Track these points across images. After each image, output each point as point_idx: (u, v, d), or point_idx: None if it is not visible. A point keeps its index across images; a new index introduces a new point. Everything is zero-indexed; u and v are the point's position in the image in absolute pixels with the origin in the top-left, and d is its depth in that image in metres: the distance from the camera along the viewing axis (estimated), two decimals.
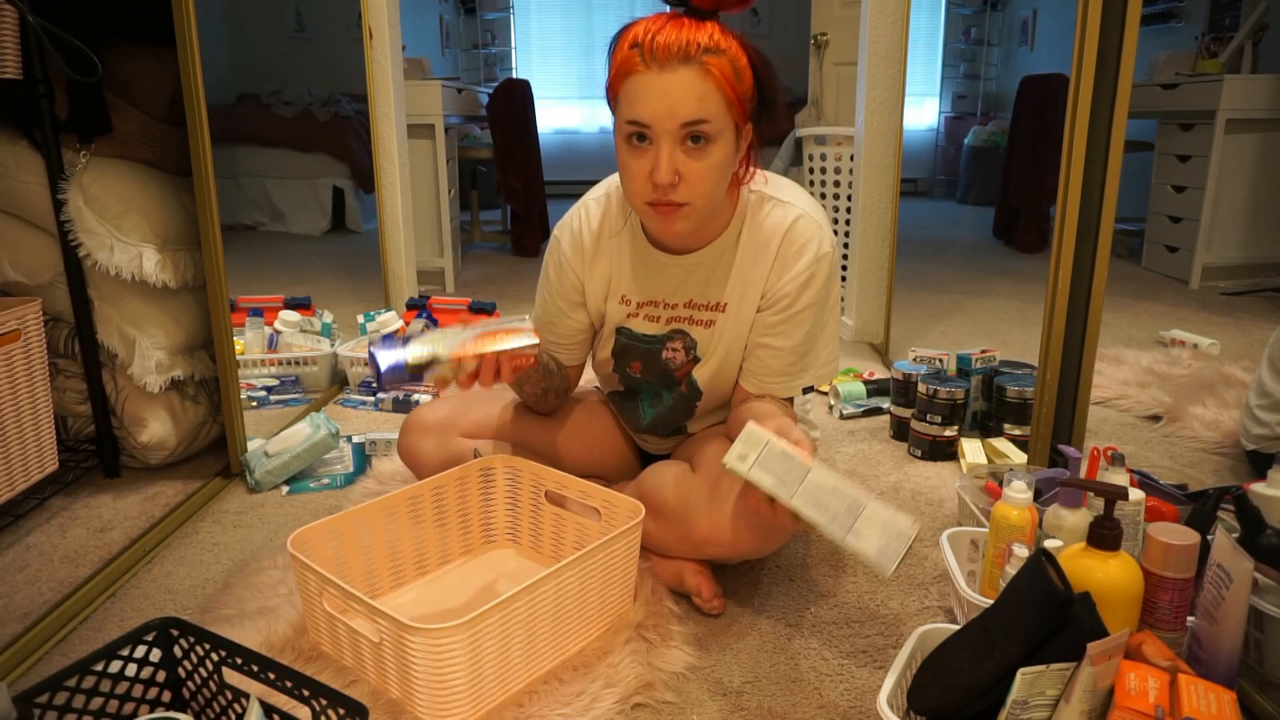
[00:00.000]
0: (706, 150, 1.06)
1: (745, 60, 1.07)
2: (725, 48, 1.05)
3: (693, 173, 1.06)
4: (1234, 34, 3.12)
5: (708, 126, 1.04)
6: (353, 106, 4.90)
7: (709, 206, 1.12)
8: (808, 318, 1.22)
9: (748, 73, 1.08)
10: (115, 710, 0.90)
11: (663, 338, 1.30)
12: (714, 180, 1.08)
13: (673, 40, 1.02)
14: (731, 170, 1.12)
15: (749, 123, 1.12)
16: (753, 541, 1.16)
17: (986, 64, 5.36)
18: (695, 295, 1.26)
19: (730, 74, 1.04)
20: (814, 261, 1.19)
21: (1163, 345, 2.31)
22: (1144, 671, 0.83)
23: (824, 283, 1.21)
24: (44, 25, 1.41)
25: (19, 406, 1.45)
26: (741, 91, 1.06)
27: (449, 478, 1.31)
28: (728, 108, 1.05)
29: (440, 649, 0.94)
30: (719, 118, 1.05)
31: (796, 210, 1.21)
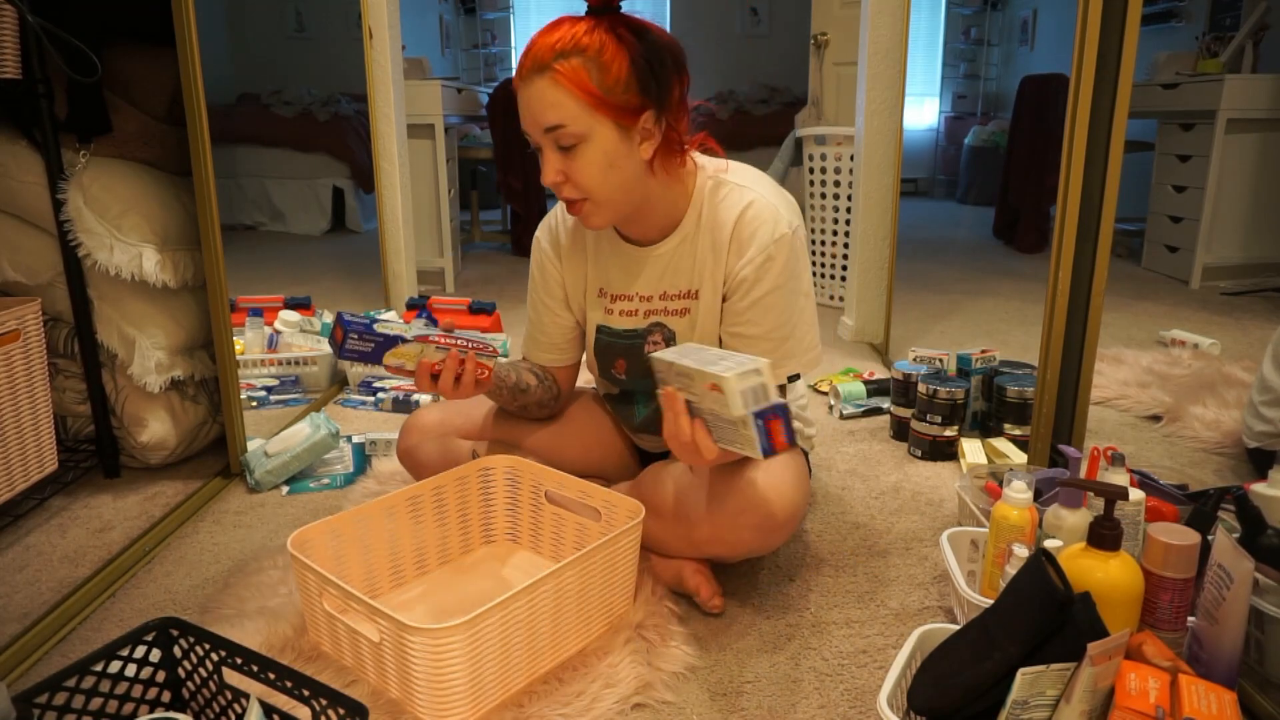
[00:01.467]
0: (578, 151, 1.09)
1: (613, 52, 1.07)
2: (585, 45, 1.06)
3: (573, 171, 1.10)
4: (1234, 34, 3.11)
5: (566, 130, 1.07)
6: (353, 106, 4.91)
7: (614, 198, 1.14)
8: (775, 302, 1.20)
9: (615, 62, 1.07)
10: (115, 710, 0.90)
11: (643, 332, 1.30)
12: (597, 175, 1.10)
13: (531, 49, 1.08)
14: (626, 163, 1.12)
15: (645, 111, 1.10)
16: (752, 539, 1.16)
17: (986, 64, 5.35)
18: (668, 286, 1.27)
19: (584, 74, 1.06)
20: (771, 243, 1.17)
21: (1163, 345, 2.31)
22: (1144, 672, 0.83)
23: (784, 265, 1.18)
24: (44, 25, 1.41)
25: (19, 406, 1.45)
26: (607, 85, 1.07)
27: (449, 477, 1.31)
28: (589, 107, 1.07)
29: (440, 649, 0.94)
30: (578, 120, 1.07)
31: (752, 194, 1.19)
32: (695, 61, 1.21)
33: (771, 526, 1.15)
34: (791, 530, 1.21)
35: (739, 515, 1.14)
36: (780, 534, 1.18)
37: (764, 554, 1.27)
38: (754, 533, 1.15)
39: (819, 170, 3.09)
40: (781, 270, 1.19)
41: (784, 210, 1.20)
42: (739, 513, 1.14)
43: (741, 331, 1.23)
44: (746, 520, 1.14)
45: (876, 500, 1.60)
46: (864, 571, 1.35)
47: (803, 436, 1.41)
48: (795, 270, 1.20)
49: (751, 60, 6.27)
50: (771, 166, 3.51)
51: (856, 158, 2.68)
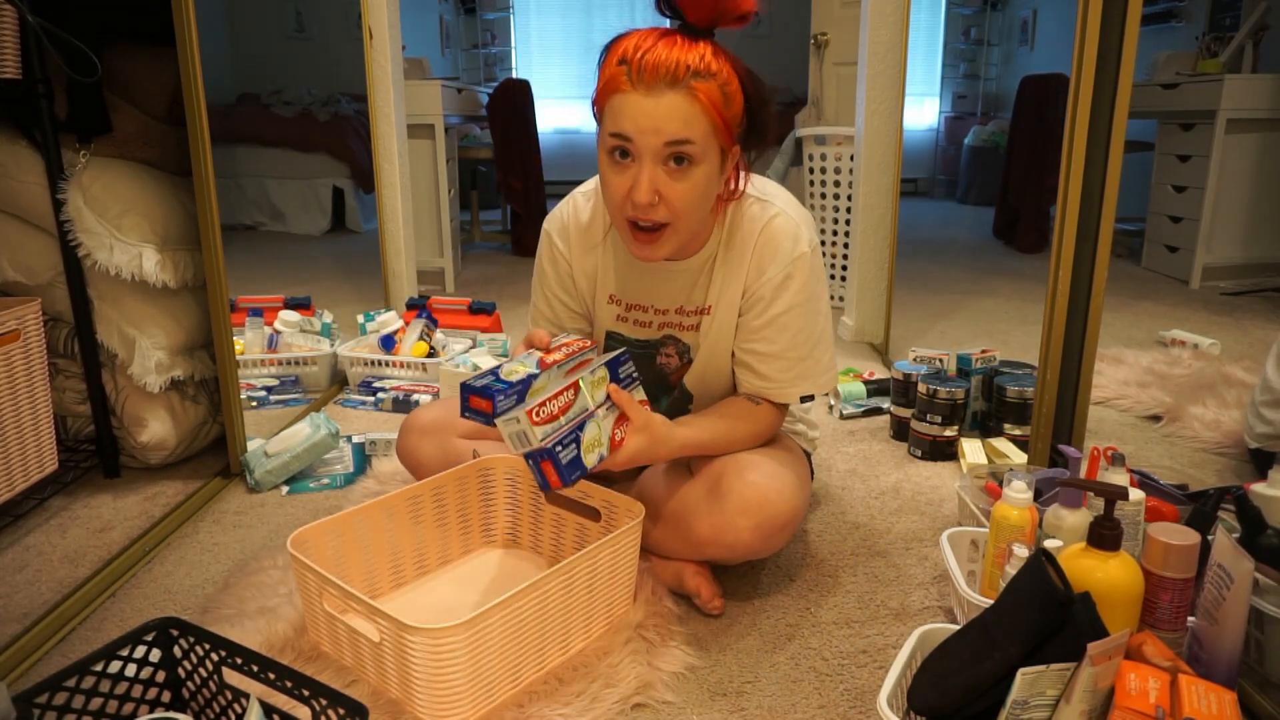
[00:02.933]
0: (688, 171, 1.05)
1: (736, 84, 1.06)
2: (716, 70, 1.03)
3: (674, 193, 1.06)
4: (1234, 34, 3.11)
5: (692, 148, 1.04)
6: (353, 106, 4.90)
7: (689, 228, 1.12)
8: (791, 321, 1.19)
9: (738, 97, 1.07)
10: (115, 710, 0.90)
11: (656, 343, 1.30)
12: (695, 201, 1.08)
13: (661, 61, 1.01)
14: (714, 192, 1.12)
15: (736, 145, 1.11)
16: (753, 542, 1.16)
17: (986, 64, 5.35)
18: (684, 301, 1.26)
19: (719, 99, 1.04)
20: (790, 262, 1.17)
21: (1163, 345, 2.31)
22: (1144, 672, 0.83)
23: (803, 285, 1.18)
24: (44, 25, 1.41)
25: (19, 406, 1.45)
26: (729, 116, 1.06)
27: (449, 478, 1.31)
28: (714, 132, 1.05)
29: (440, 649, 0.94)
30: (703, 141, 1.04)
31: (774, 209, 1.19)
32: None
33: (772, 529, 1.15)
34: (792, 532, 1.21)
35: (739, 517, 1.14)
36: (780, 536, 1.18)
37: (764, 556, 1.27)
38: (754, 534, 1.15)
39: (819, 170, 3.09)
40: (800, 289, 1.18)
41: (804, 228, 1.19)
42: (739, 514, 1.14)
43: (756, 349, 1.22)
44: (746, 522, 1.14)
45: (876, 500, 1.60)
46: (864, 571, 1.35)
47: (805, 439, 1.40)
48: (813, 290, 1.20)
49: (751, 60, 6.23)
50: (771, 166, 3.50)
51: (856, 158, 2.68)
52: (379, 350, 2.25)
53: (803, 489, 1.22)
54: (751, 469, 1.17)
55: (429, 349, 2.24)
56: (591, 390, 1.08)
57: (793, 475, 1.20)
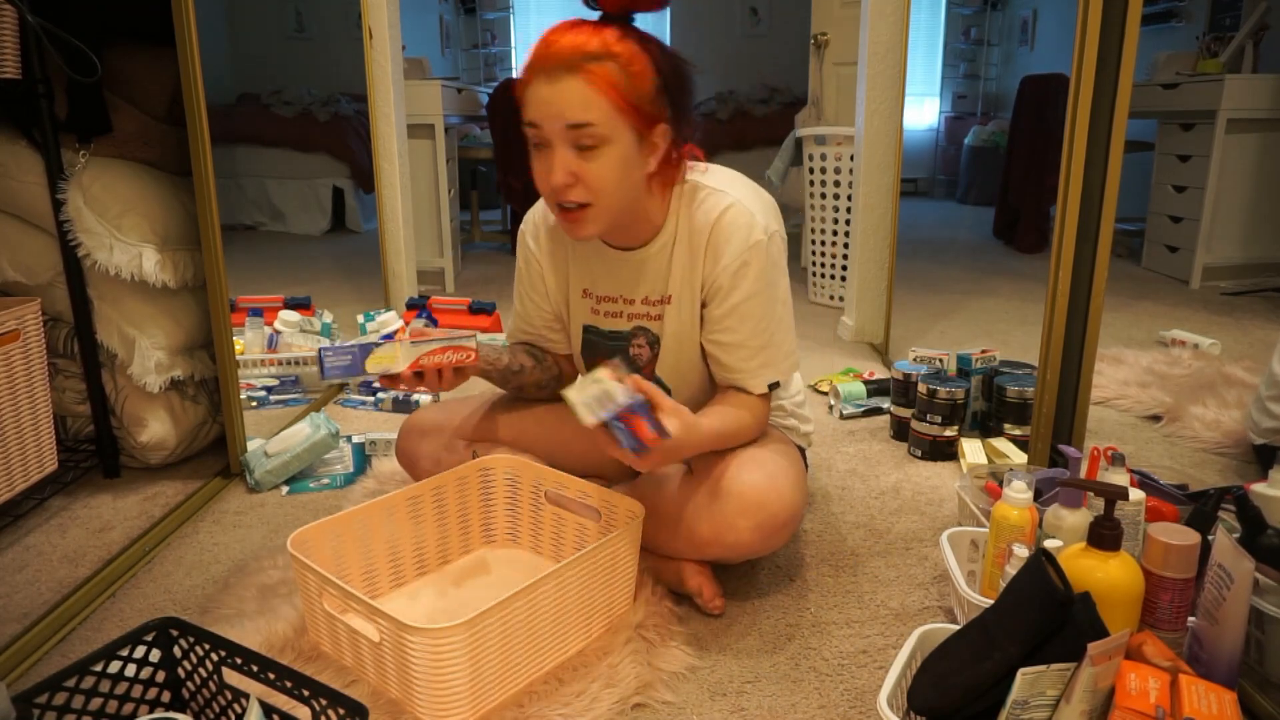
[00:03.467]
0: (598, 152, 1.08)
1: (642, 65, 1.08)
2: (618, 52, 1.06)
3: (587, 173, 1.08)
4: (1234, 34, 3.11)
5: (595, 130, 1.06)
6: (353, 106, 4.90)
7: (614, 207, 1.13)
8: (752, 309, 1.19)
9: (645, 77, 1.08)
10: (115, 710, 0.90)
11: (627, 335, 1.31)
12: (611, 180, 1.09)
13: (559, 49, 1.05)
14: (635, 172, 1.12)
15: (660, 124, 1.12)
16: (753, 541, 1.16)
17: (986, 64, 5.36)
18: (648, 291, 1.27)
19: (618, 80, 1.06)
20: (746, 249, 1.17)
21: (1163, 345, 2.31)
22: (1144, 672, 0.83)
23: (760, 272, 1.18)
24: (44, 25, 1.41)
25: (18, 406, 1.45)
26: (635, 97, 1.07)
27: (449, 478, 1.31)
28: (617, 113, 1.06)
29: (440, 649, 0.94)
30: (606, 122, 1.06)
31: (729, 199, 1.19)
32: (695, 61, 1.22)
33: (772, 528, 1.15)
34: (792, 531, 1.21)
35: (739, 517, 1.15)
36: (781, 535, 1.18)
37: (765, 555, 1.27)
38: (754, 534, 1.15)
39: (819, 170, 3.09)
40: (758, 277, 1.18)
41: (760, 215, 1.19)
42: (739, 514, 1.15)
43: (720, 339, 1.23)
44: (746, 522, 1.15)
45: (876, 500, 1.60)
46: (864, 571, 1.35)
47: (798, 434, 1.40)
48: (772, 277, 1.19)
49: (751, 60, 6.26)
50: (771, 166, 3.51)
51: (856, 158, 2.68)
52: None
53: (800, 487, 1.22)
54: (750, 469, 1.17)
55: None
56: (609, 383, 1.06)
57: (790, 474, 1.20)
